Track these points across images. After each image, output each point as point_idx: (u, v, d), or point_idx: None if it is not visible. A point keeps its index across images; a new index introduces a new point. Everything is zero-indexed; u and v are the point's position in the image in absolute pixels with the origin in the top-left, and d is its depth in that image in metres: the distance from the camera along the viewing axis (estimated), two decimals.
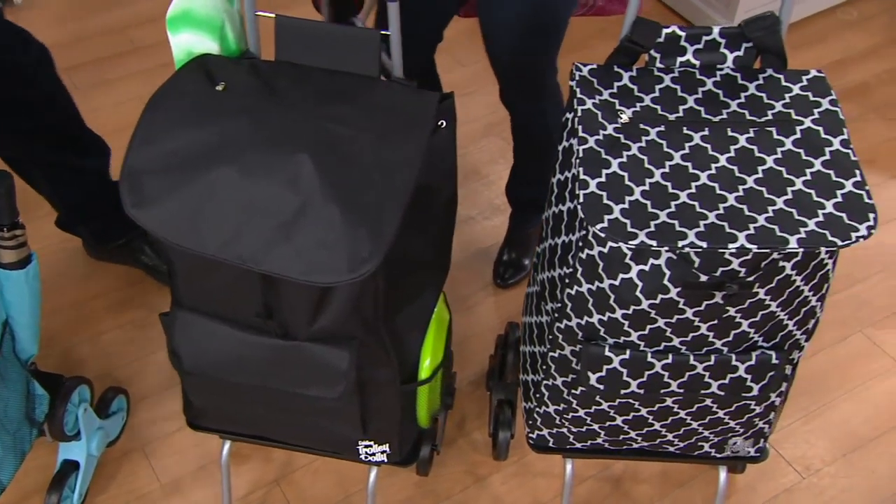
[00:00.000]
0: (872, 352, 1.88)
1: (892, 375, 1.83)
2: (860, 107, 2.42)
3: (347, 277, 0.99)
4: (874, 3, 2.76)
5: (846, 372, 1.84)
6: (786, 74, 1.18)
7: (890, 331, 1.91)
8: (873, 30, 2.66)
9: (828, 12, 2.72)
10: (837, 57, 2.59)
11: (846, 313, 1.94)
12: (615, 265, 1.09)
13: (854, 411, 1.78)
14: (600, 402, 1.25)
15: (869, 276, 2.02)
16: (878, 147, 2.31)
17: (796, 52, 2.59)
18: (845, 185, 1.05)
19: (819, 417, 1.77)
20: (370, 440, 1.31)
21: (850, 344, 1.89)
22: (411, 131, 1.09)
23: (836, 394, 1.81)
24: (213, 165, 1.02)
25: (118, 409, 1.64)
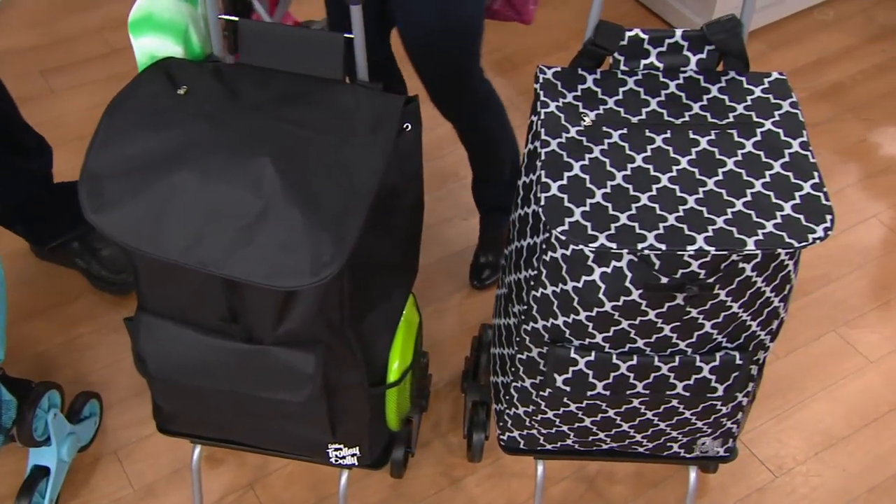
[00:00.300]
0: (845, 351, 1.89)
1: (865, 374, 1.85)
2: (836, 107, 2.44)
3: (310, 281, 0.99)
4: (850, 3, 2.77)
5: (819, 371, 1.85)
6: (748, 77, 1.19)
7: (863, 330, 1.92)
8: (849, 30, 2.68)
9: (805, 13, 2.74)
10: (814, 57, 2.60)
11: (820, 313, 1.96)
12: (578, 267, 1.10)
13: (827, 410, 1.79)
14: (568, 404, 1.26)
15: (843, 275, 2.03)
16: (853, 147, 2.32)
17: (774, 53, 2.61)
18: (804, 186, 1.06)
19: (792, 417, 1.78)
20: (340, 443, 1.31)
21: (824, 343, 1.91)
22: (375, 134, 1.09)
23: (809, 393, 1.82)
24: (174, 169, 1.02)
25: (90, 414, 1.64)
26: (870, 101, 2.45)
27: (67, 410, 1.59)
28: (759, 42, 2.64)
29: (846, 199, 2.19)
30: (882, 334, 1.91)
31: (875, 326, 1.93)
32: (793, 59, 2.58)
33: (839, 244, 2.09)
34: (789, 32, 2.68)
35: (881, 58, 2.59)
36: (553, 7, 2.73)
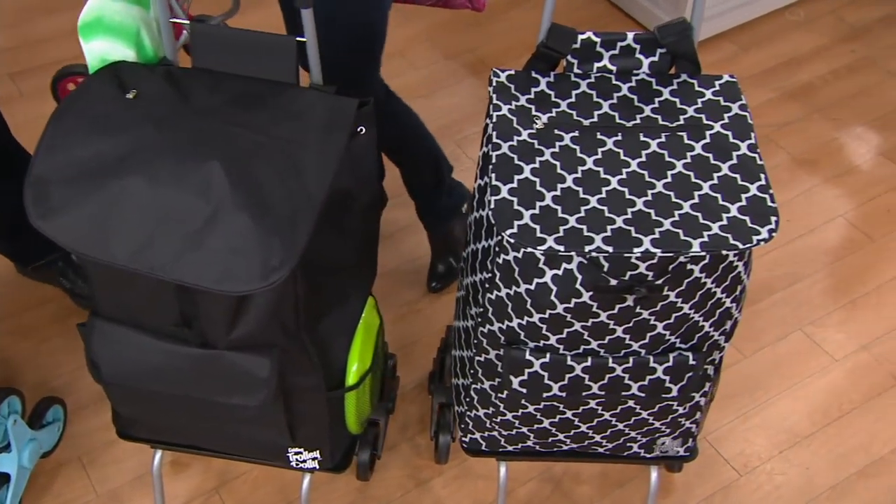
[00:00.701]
0: (811, 350, 1.90)
1: (829, 372, 1.86)
2: (805, 107, 2.45)
3: (259, 285, 0.99)
4: (821, 4, 2.80)
5: (785, 370, 1.87)
6: (699, 79, 1.20)
7: (829, 329, 1.94)
8: (820, 31, 2.70)
9: (776, 13, 2.76)
10: (785, 58, 2.62)
11: (787, 312, 1.97)
12: (530, 270, 1.10)
13: (792, 408, 1.80)
14: (526, 406, 1.26)
15: (810, 274, 2.04)
16: (821, 147, 2.34)
17: (745, 54, 2.63)
18: (750, 188, 1.07)
19: (758, 415, 1.79)
20: (300, 447, 1.31)
21: (790, 342, 1.92)
22: (327, 137, 1.09)
23: (774, 392, 1.83)
24: (122, 174, 1.02)
25: (54, 420, 1.63)
26: (839, 101, 2.47)
27: (29, 416, 1.58)
28: (730, 42, 2.66)
29: (814, 199, 2.21)
30: (847, 333, 1.93)
31: (841, 325, 1.94)
32: (764, 60, 2.60)
33: (806, 243, 2.11)
34: (760, 33, 2.70)
35: (850, 58, 2.61)
36: (526, 8, 2.74)
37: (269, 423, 1.24)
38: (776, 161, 2.30)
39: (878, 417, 1.78)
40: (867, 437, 1.75)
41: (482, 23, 2.67)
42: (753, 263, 2.05)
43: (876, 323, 1.94)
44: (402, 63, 2.54)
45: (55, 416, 1.65)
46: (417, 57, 2.57)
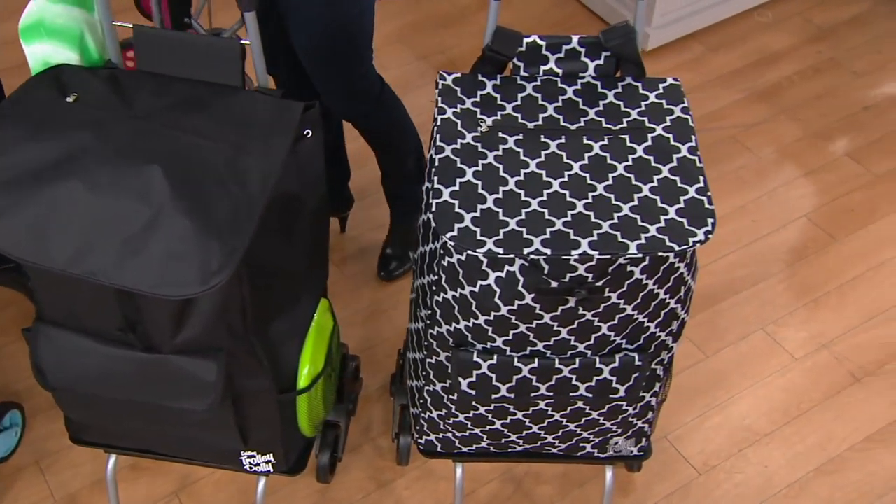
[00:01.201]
0: (772, 349, 1.92)
1: (790, 371, 1.88)
2: (772, 108, 2.47)
3: (198, 290, 1.00)
4: (789, 5, 2.82)
5: (747, 369, 1.88)
6: (643, 83, 1.21)
7: (789, 328, 1.95)
8: (787, 32, 2.72)
9: (745, 14, 2.78)
10: (752, 59, 2.64)
11: (749, 311, 1.98)
12: (474, 272, 1.11)
13: (752, 407, 1.82)
14: (477, 407, 1.27)
15: (773, 274, 2.06)
16: (786, 147, 2.36)
17: (713, 55, 2.64)
18: (689, 191, 1.08)
19: (718, 414, 1.81)
20: (252, 451, 1.32)
21: (752, 341, 1.93)
22: (271, 141, 1.09)
23: (736, 390, 1.85)
24: (60, 179, 1.02)
25: (11, 425, 1.63)
26: (805, 102, 2.49)
27: None
28: (698, 43, 2.68)
29: (778, 199, 2.23)
30: (809, 332, 1.95)
31: (802, 325, 1.96)
32: (732, 61, 2.61)
33: (769, 243, 2.13)
34: (729, 34, 2.71)
35: (817, 59, 2.64)
36: None
37: (220, 427, 1.24)
38: (742, 162, 2.32)
39: (836, 416, 1.80)
40: (825, 435, 1.77)
41: (453, 24, 2.68)
42: (719, 264, 2.07)
43: (836, 322, 1.96)
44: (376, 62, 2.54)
45: (13, 421, 1.64)
46: (389, 58, 2.57)
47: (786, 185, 2.26)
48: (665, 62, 2.60)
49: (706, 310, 1.99)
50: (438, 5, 2.74)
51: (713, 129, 2.41)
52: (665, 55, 2.62)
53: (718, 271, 2.06)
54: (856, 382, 1.86)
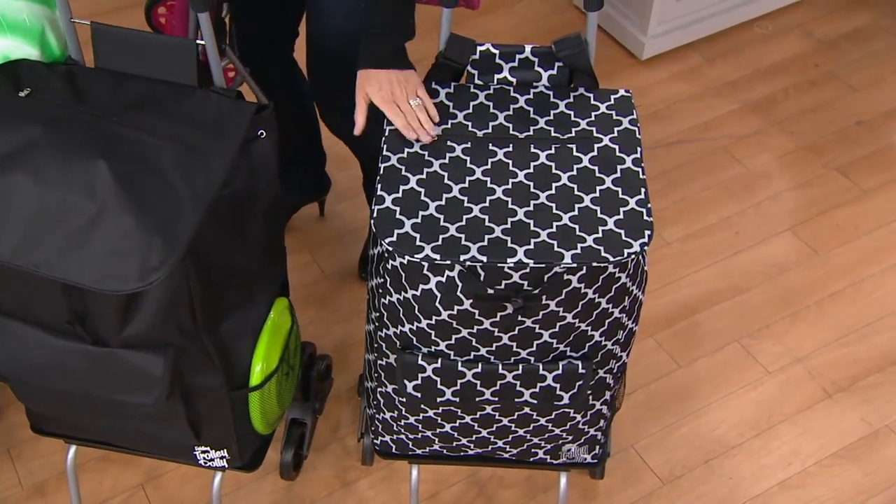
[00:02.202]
0: (746, 361, 1.92)
1: (762, 384, 1.87)
2: (764, 120, 2.47)
3: (137, 285, 1.02)
4: (790, 17, 2.81)
5: (719, 381, 1.88)
6: (596, 93, 1.22)
7: (766, 341, 1.95)
8: (786, 44, 2.71)
9: (744, 25, 2.77)
10: (749, 70, 2.63)
11: (726, 323, 1.98)
12: (415, 276, 1.12)
13: (722, 419, 1.82)
14: (426, 410, 1.29)
15: (753, 287, 2.06)
16: (776, 160, 2.35)
17: (709, 65, 2.64)
18: (629, 202, 1.09)
19: (688, 425, 1.81)
20: (206, 446, 1.34)
21: (726, 353, 1.93)
22: (220, 141, 1.12)
23: (707, 402, 1.85)
24: (7, 172, 1.05)
25: None
26: (798, 115, 2.48)
27: None
28: (696, 53, 2.67)
29: (763, 212, 2.22)
30: (784, 346, 1.94)
31: (778, 338, 1.96)
32: (728, 72, 2.61)
33: (752, 256, 2.12)
34: (727, 44, 2.71)
35: (814, 72, 2.62)
36: (498, 14, 2.77)
37: (172, 422, 1.27)
38: (730, 173, 2.32)
39: (805, 430, 1.80)
40: (792, 449, 1.77)
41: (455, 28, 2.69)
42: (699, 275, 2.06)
43: (813, 337, 1.96)
44: None
45: None
46: None
47: (772, 198, 2.26)
48: (660, 71, 2.60)
49: (683, 320, 1.99)
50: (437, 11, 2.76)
51: (703, 140, 2.41)
52: (661, 64, 2.62)
53: (698, 282, 2.06)
54: (827, 398, 1.85)
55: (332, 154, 2.08)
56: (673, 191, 2.26)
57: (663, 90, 2.53)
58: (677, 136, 2.42)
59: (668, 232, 2.17)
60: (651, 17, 2.56)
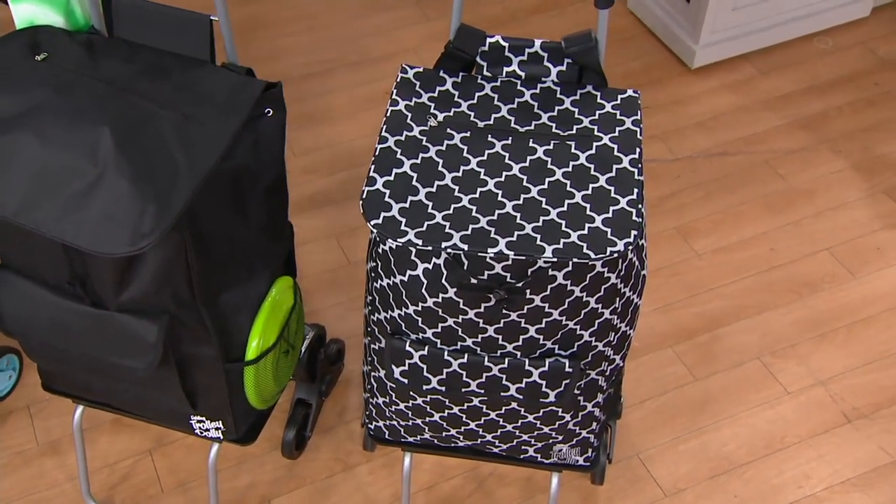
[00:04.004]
0: (765, 380, 1.87)
1: (779, 404, 1.83)
2: (814, 137, 2.40)
3: (127, 250, 1.05)
4: (852, 34, 2.72)
5: (735, 397, 1.84)
6: (603, 92, 1.21)
7: (788, 361, 1.90)
8: (846, 61, 2.63)
9: (804, 39, 2.70)
10: (804, 85, 2.57)
11: (749, 339, 1.94)
12: (404, 262, 1.13)
13: (733, 435, 1.78)
14: (414, 397, 1.29)
15: (781, 305, 2.01)
16: (820, 179, 2.29)
17: (763, 77, 2.58)
18: (620, 201, 1.08)
19: (697, 438, 1.77)
20: (202, 416, 1.37)
21: (746, 369, 1.89)
22: (226, 115, 1.14)
23: (719, 417, 1.81)
24: (14, 131, 1.08)
25: (7, 369, 1.73)
26: (849, 134, 2.41)
27: None
28: (749, 65, 2.62)
29: (802, 230, 2.16)
30: (807, 367, 1.89)
31: (802, 359, 1.90)
32: (781, 86, 2.55)
33: (784, 274, 2.07)
34: (784, 58, 2.64)
35: (873, 91, 2.54)
36: (550, 16, 2.76)
37: (167, 389, 1.30)
38: (772, 188, 2.26)
39: (819, 454, 1.74)
40: (804, 472, 1.72)
41: (502, 27, 2.69)
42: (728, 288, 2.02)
43: (839, 360, 1.90)
44: (414, 60, 2.58)
45: (11, 365, 1.74)
46: (430, 56, 2.61)
47: (813, 217, 2.20)
48: (710, 81, 2.55)
49: (705, 333, 1.95)
50: (489, 7, 2.76)
51: (748, 153, 2.36)
52: (711, 74, 2.57)
53: (726, 296, 2.02)
54: (847, 423, 1.79)
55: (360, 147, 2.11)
56: (710, 202, 2.22)
57: (712, 100, 2.49)
58: (721, 147, 2.37)
59: (700, 243, 2.13)
60: (704, 26, 2.52)
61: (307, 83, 2.49)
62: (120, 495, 1.66)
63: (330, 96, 2.45)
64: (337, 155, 2.30)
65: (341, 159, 2.29)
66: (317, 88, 2.48)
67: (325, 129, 2.36)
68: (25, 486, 1.66)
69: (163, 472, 1.69)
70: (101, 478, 1.68)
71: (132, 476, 1.69)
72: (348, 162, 2.28)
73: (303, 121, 2.38)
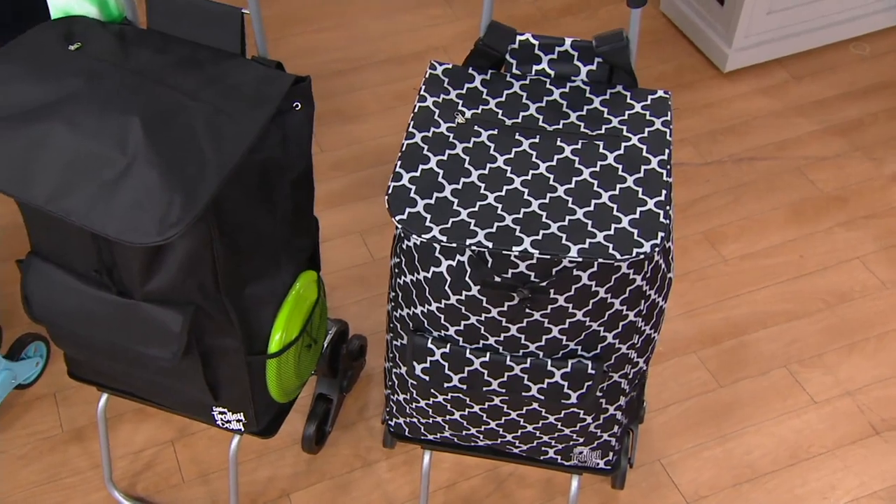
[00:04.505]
0: (792, 388, 1.85)
1: (806, 413, 1.80)
2: (847, 144, 2.37)
3: (154, 239, 1.05)
4: (890, 39, 2.68)
5: (760, 405, 1.82)
6: (633, 92, 1.19)
7: (816, 370, 1.87)
8: (881, 68, 2.59)
9: (839, 45, 2.67)
10: (839, 91, 2.53)
11: (776, 347, 1.91)
12: (428, 258, 1.13)
13: (757, 444, 1.76)
14: (435, 394, 1.29)
15: (810, 313, 1.98)
16: (854, 186, 2.25)
17: (796, 83, 2.55)
18: (648, 202, 1.07)
19: (720, 446, 1.75)
20: (224, 407, 1.37)
21: (772, 377, 1.87)
22: (255, 108, 1.14)
23: (743, 424, 1.79)
24: (46, 119, 1.09)
25: (34, 356, 1.75)
26: (885, 142, 2.37)
27: (9, 348, 1.70)
28: (782, 70, 2.59)
29: (832, 238, 2.13)
30: (836, 377, 1.86)
31: (830, 368, 1.88)
32: (815, 91, 2.52)
33: (814, 282, 2.04)
34: (819, 63, 2.61)
35: None
36: (581, 18, 2.74)
37: (190, 379, 1.30)
38: (802, 195, 2.23)
39: (845, 465, 1.72)
40: (829, 483, 1.69)
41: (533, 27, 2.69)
42: (755, 295, 2.00)
43: (868, 370, 1.87)
44: (442, 59, 2.58)
45: (38, 352, 1.76)
46: (459, 55, 2.60)
47: (844, 225, 2.16)
48: (742, 85, 2.53)
49: (730, 339, 1.93)
50: (521, 7, 2.75)
51: (779, 159, 2.33)
52: (744, 78, 2.55)
53: (753, 302, 1.99)
54: (875, 435, 1.76)
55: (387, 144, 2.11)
56: (739, 207, 2.19)
57: (743, 104, 2.46)
58: (751, 152, 2.34)
59: (727, 248, 2.10)
60: (738, 29, 2.49)
61: (336, 80, 2.50)
62: (142, 483, 1.68)
63: (358, 94, 2.45)
64: (364, 152, 2.30)
65: (368, 156, 2.29)
66: (345, 85, 2.48)
67: (353, 127, 2.36)
68: (50, 472, 1.68)
69: (184, 462, 1.70)
70: (123, 466, 1.69)
71: (154, 465, 1.70)
72: (375, 159, 2.28)
73: (330, 117, 2.39)
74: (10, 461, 1.69)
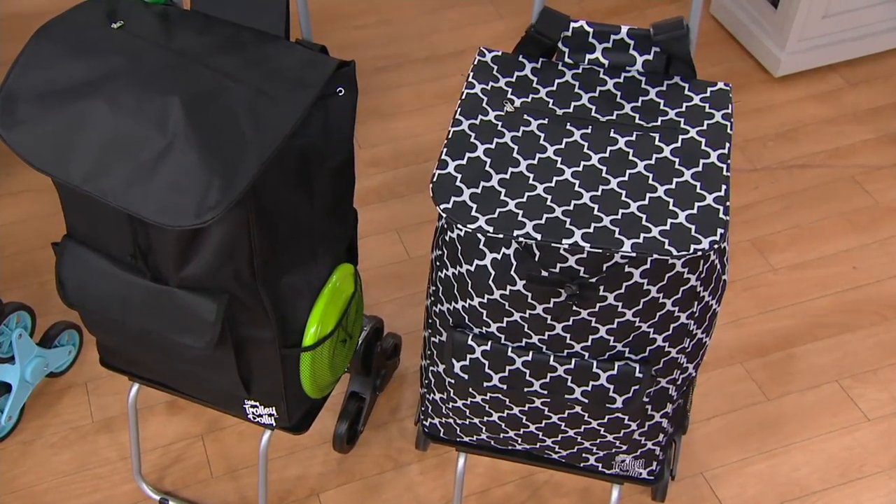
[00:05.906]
0: (844, 404, 1.77)
1: (858, 431, 1.72)
2: None
3: (192, 222, 1.02)
4: None
5: (809, 420, 1.74)
6: (691, 83, 1.14)
7: (870, 386, 1.79)
8: None
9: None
10: (893, 100, 2.45)
11: (826, 361, 1.84)
12: (471, 251, 1.08)
13: (805, 461, 1.68)
14: (473, 394, 1.24)
15: (865, 326, 1.90)
16: None
17: (851, 89, 2.47)
18: (706, 197, 1.01)
19: (766, 461, 1.68)
20: (256, 401, 1.34)
21: (822, 392, 1.79)
22: (296, 91, 1.11)
23: (791, 440, 1.71)
24: (86, 97, 1.07)
25: (67, 344, 1.73)
26: None
27: (42, 336, 1.68)
28: (837, 76, 2.51)
29: (888, 249, 2.05)
30: (890, 393, 1.78)
31: (885, 384, 1.80)
32: (871, 98, 2.43)
33: (868, 294, 1.96)
34: (875, 70, 2.53)
35: None
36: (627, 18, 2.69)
37: (223, 371, 1.27)
38: (857, 204, 2.15)
39: None
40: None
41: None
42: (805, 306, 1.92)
43: None
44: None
45: (72, 341, 1.74)
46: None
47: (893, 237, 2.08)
48: (795, 90, 2.45)
49: (779, 351, 1.86)
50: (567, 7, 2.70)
51: (832, 167, 2.25)
52: (796, 83, 2.47)
53: (803, 314, 1.92)
54: None
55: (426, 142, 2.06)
56: (790, 215, 2.12)
57: (795, 110, 2.39)
58: (803, 159, 2.27)
59: (777, 257, 2.03)
60: (791, 33, 2.41)
61: (376, 77, 2.46)
62: (170, 477, 1.65)
63: (398, 91, 2.42)
64: (402, 149, 2.26)
65: (407, 153, 2.25)
66: (385, 82, 2.45)
67: (392, 124, 2.33)
68: (80, 462, 1.66)
69: (214, 457, 1.67)
70: (152, 458, 1.67)
71: (183, 459, 1.67)
72: (414, 156, 2.24)
73: (370, 114, 2.35)
74: (41, 449, 1.67)
